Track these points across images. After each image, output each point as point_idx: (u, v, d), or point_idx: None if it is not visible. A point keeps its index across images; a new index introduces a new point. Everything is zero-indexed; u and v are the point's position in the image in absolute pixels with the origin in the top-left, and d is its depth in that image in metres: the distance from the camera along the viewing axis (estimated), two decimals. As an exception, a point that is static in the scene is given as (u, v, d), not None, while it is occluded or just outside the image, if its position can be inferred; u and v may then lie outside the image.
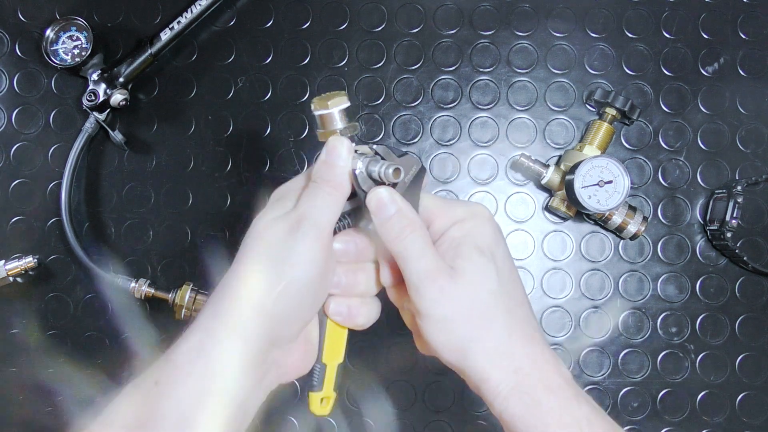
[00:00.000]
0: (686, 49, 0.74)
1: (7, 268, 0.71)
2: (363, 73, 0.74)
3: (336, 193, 0.44)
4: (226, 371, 0.42)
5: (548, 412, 0.43)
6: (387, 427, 0.73)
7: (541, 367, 0.44)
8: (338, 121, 0.45)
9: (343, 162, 0.44)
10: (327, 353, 0.49)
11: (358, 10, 0.75)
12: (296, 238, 0.42)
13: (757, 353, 0.72)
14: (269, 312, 0.42)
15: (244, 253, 0.44)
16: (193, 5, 0.71)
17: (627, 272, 0.73)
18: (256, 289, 0.42)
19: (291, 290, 0.42)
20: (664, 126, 0.73)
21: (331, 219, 0.44)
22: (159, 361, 0.43)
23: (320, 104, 0.45)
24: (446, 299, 0.43)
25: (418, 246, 0.44)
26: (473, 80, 0.74)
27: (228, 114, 0.74)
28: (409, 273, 0.44)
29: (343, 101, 0.45)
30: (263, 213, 0.45)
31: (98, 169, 0.75)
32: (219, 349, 0.42)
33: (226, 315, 0.42)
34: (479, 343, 0.44)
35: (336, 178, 0.44)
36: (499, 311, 0.44)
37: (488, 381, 0.44)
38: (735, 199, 0.69)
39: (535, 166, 0.71)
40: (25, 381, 0.74)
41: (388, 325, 0.73)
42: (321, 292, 0.45)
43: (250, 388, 0.44)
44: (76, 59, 0.71)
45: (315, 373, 0.50)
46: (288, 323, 0.44)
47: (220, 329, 0.42)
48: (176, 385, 0.41)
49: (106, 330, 0.74)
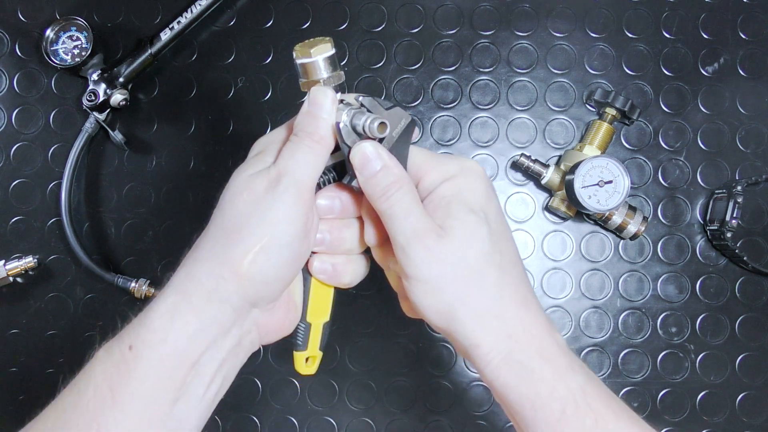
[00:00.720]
0: (686, 49, 0.74)
1: (7, 268, 0.71)
2: (363, 73, 0.74)
3: (318, 147, 0.42)
4: (203, 335, 0.40)
5: (541, 382, 0.41)
6: (387, 427, 0.73)
7: (535, 332, 0.42)
8: (322, 69, 0.42)
9: (326, 114, 0.42)
10: (312, 312, 0.48)
11: (358, 10, 0.75)
12: (275, 195, 0.41)
13: (757, 353, 0.72)
14: (246, 273, 0.40)
15: (220, 210, 0.42)
16: (193, 5, 0.71)
17: (627, 272, 0.73)
18: (231, 249, 0.40)
19: (269, 250, 0.40)
20: (664, 126, 0.73)
21: (312, 175, 0.42)
22: (132, 325, 0.41)
23: (302, 52, 0.42)
24: (433, 259, 0.41)
25: (405, 204, 0.42)
26: (473, 80, 0.74)
27: (228, 114, 0.74)
28: (395, 232, 0.41)
29: (327, 48, 0.42)
30: (241, 167, 0.43)
31: (98, 169, 0.75)
32: (194, 313, 0.40)
33: (201, 277, 0.41)
34: (468, 305, 0.41)
35: (318, 131, 0.42)
36: (490, 273, 0.42)
37: (479, 347, 0.41)
38: (735, 199, 0.69)
39: (535, 166, 0.71)
40: (25, 381, 0.74)
41: (388, 324, 0.73)
42: (302, 251, 0.43)
43: (228, 351, 0.42)
44: (76, 59, 0.71)
45: (299, 332, 0.48)
46: (267, 284, 0.42)
47: (194, 292, 0.40)
48: (151, 349, 0.40)
49: (105, 330, 0.74)
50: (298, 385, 0.73)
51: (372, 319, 0.73)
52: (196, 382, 0.41)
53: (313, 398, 0.73)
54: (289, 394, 0.73)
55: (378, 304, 0.73)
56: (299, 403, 0.73)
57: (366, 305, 0.73)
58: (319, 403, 0.73)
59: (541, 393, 0.41)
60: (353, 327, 0.73)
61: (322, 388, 0.73)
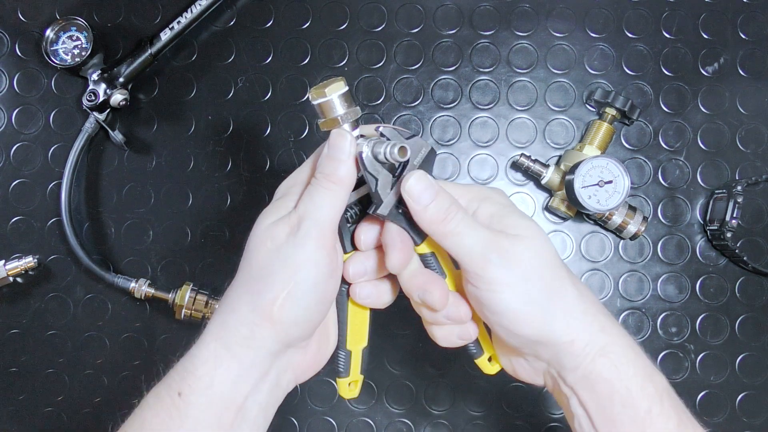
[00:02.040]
0: (686, 49, 0.74)
1: (7, 268, 0.71)
2: (363, 73, 0.74)
3: (337, 188, 0.43)
4: (244, 379, 0.42)
5: (634, 377, 0.41)
6: (387, 427, 0.73)
7: (618, 327, 0.43)
8: (338, 107, 0.43)
9: (345, 156, 0.43)
10: (351, 340, 0.49)
11: (358, 10, 0.75)
12: (296, 241, 0.42)
13: (757, 353, 0.72)
14: (278, 318, 0.42)
15: (247, 259, 0.43)
16: (193, 5, 0.71)
17: (627, 272, 0.73)
18: (260, 297, 0.42)
19: (296, 294, 0.42)
20: (664, 126, 0.73)
21: (332, 216, 0.43)
22: (177, 371, 0.43)
23: (317, 93, 0.43)
24: (514, 262, 0.41)
25: (468, 220, 0.43)
26: (473, 80, 0.74)
27: (228, 114, 0.74)
28: (468, 247, 0.42)
29: (340, 87, 0.43)
30: (265, 214, 0.44)
31: (98, 169, 0.75)
32: (234, 359, 0.42)
33: (237, 324, 0.42)
34: (556, 302, 0.42)
35: (338, 172, 0.43)
36: (563, 271, 0.43)
37: (573, 343, 0.42)
38: (735, 199, 0.69)
39: (535, 166, 0.71)
40: (25, 381, 0.74)
41: (388, 324, 0.73)
42: (329, 290, 0.44)
43: (268, 393, 0.44)
44: (76, 59, 0.71)
45: (340, 361, 0.49)
46: (298, 325, 0.43)
47: (232, 339, 0.42)
48: (199, 395, 0.41)
49: (106, 330, 0.74)
50: (298, 385, 0.73)
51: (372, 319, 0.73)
52: (242, 423, 0.43)
53: (313, 398, 0.73)
54: (289, 394, 0.73)
55: (378, 304, 0.73)
56: (299, 403, 0.73)
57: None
58: (319, 403, 0.73)
59: (631, 389, 0.41)
60: (353, 327, 0.73)
61: (322, 388, 0.73)
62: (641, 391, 0.41)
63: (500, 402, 0.72)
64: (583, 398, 0.42)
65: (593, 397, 0.42)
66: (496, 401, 0.72)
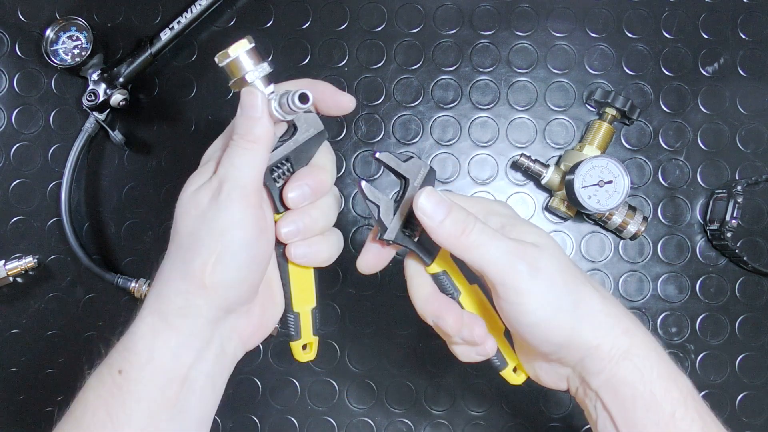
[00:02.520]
0: (686, 49, 0.74)
1: (7, 268, 0.71)
2: (363, 73, 0.74)
3: (255, 146, 0.42)
4: (185, 349, 0.42)
5: (658, 380, 0.41)
6: (387, 427, 0.73)
7: (642, 328, 0.43)
8: (245, 65, 0.43)
9: (258, 113, 0.42)
10: (297, 301, 0.48)
11: (358, 10, 0.75)
12: (218, 204, 0.41)
13: (757, 353, 0.72)
14: (209, 284, 0.41)
15: (175, 229, 0.43)
16: (193, 5, 0.71)
17: (627, 272, 0.73)
18: (190, 265, 0.41)
19: (225, 257, 0.41)
20: (664, 126, 0.73)
21: (253, 175, 0.42)
22: (117, 349, 0.42)
23: (222, 54, 0.43)
24: (541, 270, 0.41)
25: (488, 230, 0.42)
26: (473, 80, 0.74)
27: (228, 114, 0.74)
28: (494, 259, 0.41)
29: (244, 44, 0.43)
30: (188, 182, 0.44)
31: (98, 169, 0.75)
32: (172, 329, 0.41)
33: (170, 295, 0.42)
34: (581, 308, 0.42)
35: (254, 130, 0.42)
36: (582, 276, 0.43)
37: (599, 347, 0.42)
38: (735, 199, 0.69)
39: (535, 166, 0.71)
40: (25, 381, 0.74)
41: (388, 324, 0.73)
42: (261, 250, 0.43)
43: (213, 362, 0.43)
44: (76, 59, 0.71)
45: (290, 323, 0.48)
46: (233, 288, 0.42)
47: (168, 310, 0.42)
48: (140, 370, 0.41)
49: (105, 330, 0.74)
50: (298, 385, 0.73)
51: (372, 319, 0.73)
52: (189, 395, 0.42)
53: (313, 398, 0.73)
54: (289, 394, 0.73)
55: (378, 304, 0.73)
56: (299, 403, 0.73)
57: (366, 305, 0.73)
58: (319, 403, 0.73)
59: (655, 393, 0.41)
60: (353, 327, 0.73)
61: (322, 388, 0.73)
62: (665, 394, 0.41)
63: (500, 402, 0.72)
64: (607, 402, 0.42)
65: (616, 400, 0.42)
66: (496, 401, 0.72)
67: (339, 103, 0.46)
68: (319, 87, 0.46)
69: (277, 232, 0.45)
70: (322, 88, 0.46)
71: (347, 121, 0.74)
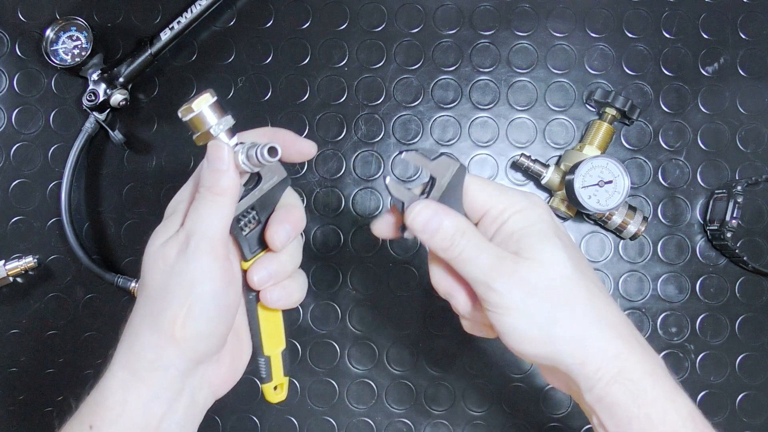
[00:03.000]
0: (686, 49, 0.74)
1: (7, 268, 0.71)
2: (363, 73, 0.74)
3: (222, 198, 0.43)
4: (156, 403, 0.42)
5: (653, 403, 0.41)
6: (387, 427, 0.73)
7: (639, 352, 0.42)
8: (209, 119, 0.43)
9: (225, 166, 0.43)
10: (267, 345, 0.49)
11: (358, 10, 0.75)
12: (186, 257, 0.42)
13: (757, 353, 0.72)
14: (179, 337, 0.41)
15: (143, 282, 0.43)
16: (193, 5, 0.71)
17: (627, 272, 0.73)
18: (160, 318, 0.42)
19: (195, 310, 0.41)
20: (664, 126, 0.73)
21: (220, 227, 0.43)
22: (87, 403, 0.43)
23: (186, 109, 0.43)
24: (516, 284, 0.41)
25: (473, 245, 0.42)
26: (473, 80, 0.74)
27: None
28: (474, 273, 0.42)
29: (207, 99, 0.43)
30: (155, 234, 0.44)
31: (98, 169, 0.75)
32: (143, 384, 0.42)
33: (141, 349, 0.42)
34: (563, 326, 0.42)
35: (220, 183, 0.43)
36: (579, 294, 0.42)
37: (585, 365, 0.41)
38: (735, 199, 0.69)
39: (535, 166, 0.71)
40: (25, 381, 0.74)
41: (388, 324, 0.73)
42: (230, 301, 0.44)
43: (184, 412, 0.43)
44: (76, 59, 0.71)
45: (261, 367, 0.49)
46: (203, 340, 0.43)
47: (138, 365, 0.42)
48: (111, 425, 0.41)
49: (105, 330, 0.74)
50: (298, 385, 0.73)
51: (372, 319, 0.73)
52: None
53: (313, 398, 0.73)
54: (289, 394, 0.73)
55: (378, 305, 0.73)
56: (299, 403, 0.73)
57: (366, 306, 0.73)
58: (319, 403, 0.73)
59: (651, 416, 0.41)
60: (353, 327, 0.73)
61: (322, 388, 0.73)
62: (662, 416, 0.41)
63: (500, 402, 0.72)
64: (602, 419, 0.42)
65: (612, 419, 0.42)
66: (496, 401, 0.72)
67: (301, 150, 0.47)
68: (280, 135, 0.47)
69: (249, 279, 0.46)
70: (284, 135, 0.47)
71: (347, 121, 0.74)
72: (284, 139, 0.47)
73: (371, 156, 0.74)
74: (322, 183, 0.74)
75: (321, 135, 0.74)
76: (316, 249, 0.73)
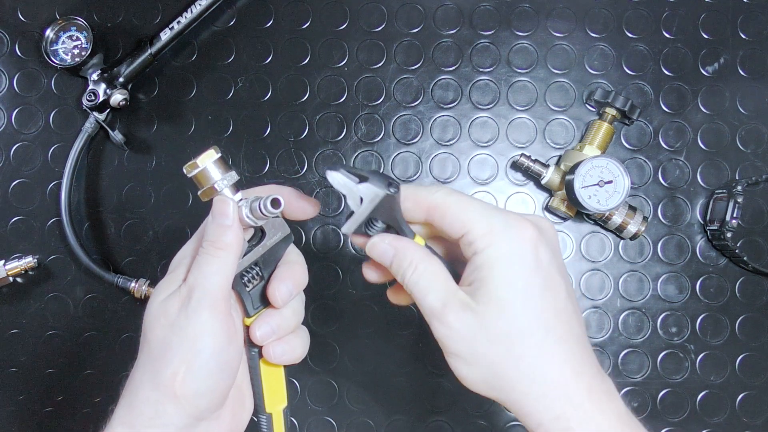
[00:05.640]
0: (686, 49, 0.74)
1: (7, 268, 0.71)
2: (363, 73, 0.74)
3: (225, 254, 0.43)
4: None
5: None
6: (387, 427, 0.73)
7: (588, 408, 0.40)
8: (214, 175, 0.44)
9: (230, 221, 0.43)
10: (269, 402, 0.49)
11: (358, 10, 0.75)
12: (188, 313, 0.42)
13: (757, 353, 0.72)
14: (180, 394, 0.41)
15: (144, 338, 0.43)
16: (193, 5, 0.71)
17: (627, 272, 0.73)
18: (160, 375, 0.41)
19: (196, 366, 0.41)
20: (664, 126, 0.73)
21: (222, 283, 0.43)
22: None
23: (191, 166, 0.44)
24: (458, 336, 0.41)
25: (422, 283, 0.42)
26: (473, 80, 0.74)
27: (228, 114, 0.74)
28: (423, 310, 0.43)
29: (212, 155, 0.44)
30: (157, 290, 0.44)
31: (98, 169, 0.75)
32: None
33: (141, 406, 0.42)
34: (506, 380, 0.41)
35: (224, 238, 0.43)
36: (527, 350, 0.40)
37: (527, 418, 0.41)
38: (735, 199, 0.69)
39: (535, 166, 0.71)
40: (25, 381, 0.74)
41: (388, 324, 0.73)
42: (231, 357, 0.44)
43: None
44: (76, 59, 0.71)
45: (263, 425, 0.49)
46: (204, 397, 0.43)
47: (138, 422, 0.42)
48: None
49: (106, 330, 0.74)
50: (298, 385, 0.73)
51: (372, 319, 0.73)
52: None
53: (313, 398, 0.73)
54: (289, 394, 0.73)
55: (378, 305, 0.73)
56: (299, 403, 0.73)
57: (366, 305, 0.73)
58: (319, 403, 0.73)
59: None
60: (353, 327, 0.73)
61: (322, 388, 0.73)
62: None
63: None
64: None
65: None
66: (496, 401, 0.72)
67: (304, 208, 0.48)
68: (284, 192, 0.47)
69: (252, 334, 0.46)
70: (287, 193, 0.47)
71: (347, 121, 0.74)
72: (287, 195, 0.47)
73: (371, 156, 0.74)
74: (322, 183, 0.74)
75: (321, 135, 0.74)
76: (316, 249, 0.73)
